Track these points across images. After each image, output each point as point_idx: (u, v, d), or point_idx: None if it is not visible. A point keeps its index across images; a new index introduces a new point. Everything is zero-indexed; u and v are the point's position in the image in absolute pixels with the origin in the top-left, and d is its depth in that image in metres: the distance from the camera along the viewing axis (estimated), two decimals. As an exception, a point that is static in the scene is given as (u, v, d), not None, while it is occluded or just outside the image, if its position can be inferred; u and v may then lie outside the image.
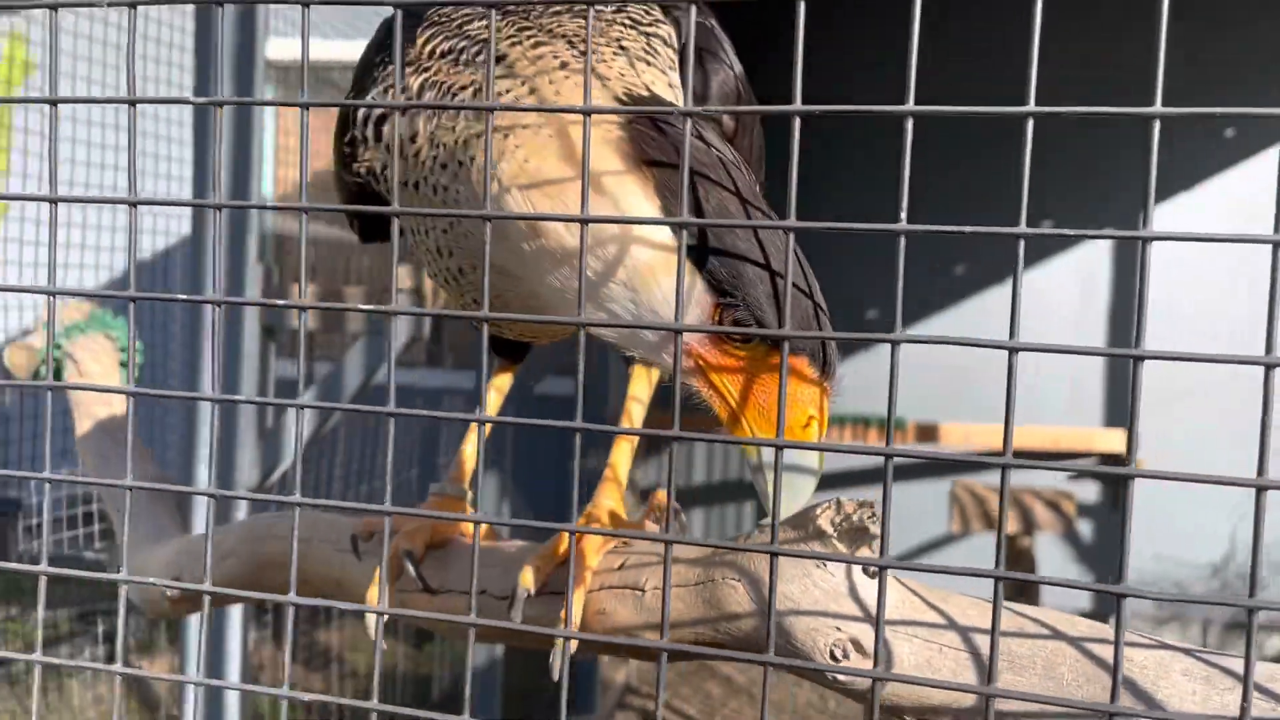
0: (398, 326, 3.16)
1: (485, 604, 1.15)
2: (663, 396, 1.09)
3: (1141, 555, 5.42)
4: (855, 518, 0.91)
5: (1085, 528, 5.46)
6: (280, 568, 1.50)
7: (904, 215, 0.66)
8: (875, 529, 0.90)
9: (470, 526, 1.28)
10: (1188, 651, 0.82)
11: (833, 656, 0.90)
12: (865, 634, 0.90)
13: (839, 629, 0.90)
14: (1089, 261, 5.41)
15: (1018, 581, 0.69)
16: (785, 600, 0.93)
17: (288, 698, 0.86)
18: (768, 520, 0.97)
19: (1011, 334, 0.65)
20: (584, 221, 0.73)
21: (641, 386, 1.23)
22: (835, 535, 0.91)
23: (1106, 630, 0.86)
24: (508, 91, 0.97)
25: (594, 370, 5.08)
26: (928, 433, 5.25)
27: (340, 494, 3.91)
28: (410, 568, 1.20)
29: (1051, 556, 5.37)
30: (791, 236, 0.74)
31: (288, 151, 4.12)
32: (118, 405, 2.03)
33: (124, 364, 2.34)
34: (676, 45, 1.06)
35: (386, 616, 1.27)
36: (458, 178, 0.99)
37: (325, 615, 5.33)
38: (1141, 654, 0.83)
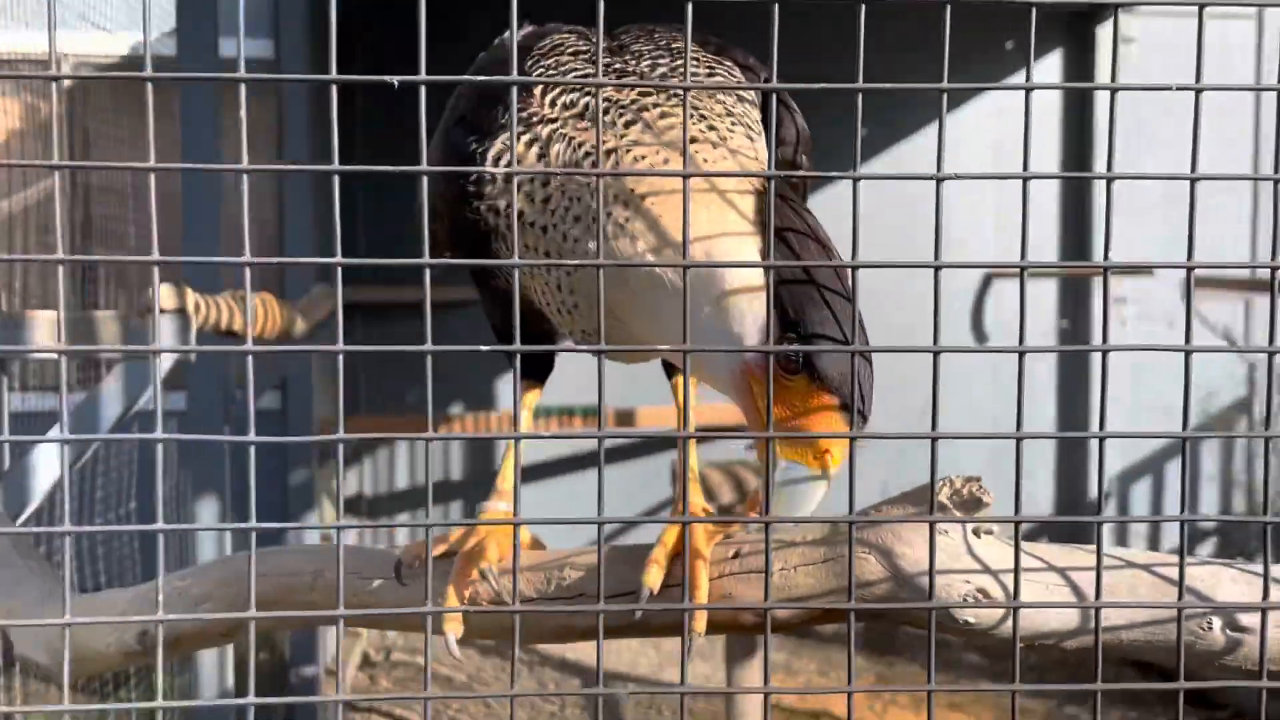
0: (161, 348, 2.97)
1: (586, 605, 1.24)
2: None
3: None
4: (965, 491, 1.12)
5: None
6: (268, 606, 1.46)
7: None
8: (987, 499, 1.12)
9: (525, 539, 1.35)
10: (1227, 564, 1.11)
11: (966, 603, 1.11)
12: (987, 583, 1.11)
13: (968, 581, 1.11)
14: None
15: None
16: (915, 564, 1.12)
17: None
18: (892, 497, 1.16)
19: (1020, 340, 0.89)
20: (685, 267, 0.88)
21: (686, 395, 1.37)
22: (953, 507, 1.12)
23: (1160, 556, 1.13)
24: (643, 158, 1.09)
25: (303, 386, 4.96)
26: (625, 418, 5.59)
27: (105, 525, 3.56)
28: (492, 581, 1.26)
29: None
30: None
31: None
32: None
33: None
34: (754, 100, 1.21)
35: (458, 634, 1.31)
36: (590, 231, 1.09)
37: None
38: (1198, 569, 1.10)
